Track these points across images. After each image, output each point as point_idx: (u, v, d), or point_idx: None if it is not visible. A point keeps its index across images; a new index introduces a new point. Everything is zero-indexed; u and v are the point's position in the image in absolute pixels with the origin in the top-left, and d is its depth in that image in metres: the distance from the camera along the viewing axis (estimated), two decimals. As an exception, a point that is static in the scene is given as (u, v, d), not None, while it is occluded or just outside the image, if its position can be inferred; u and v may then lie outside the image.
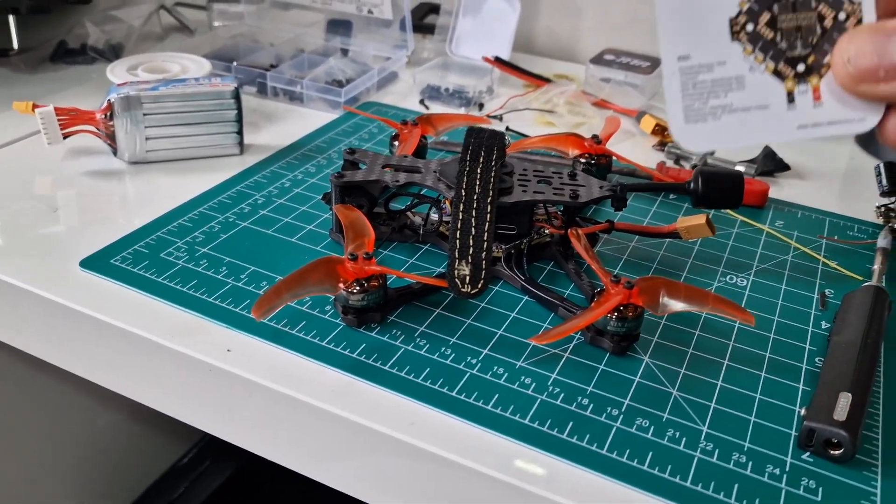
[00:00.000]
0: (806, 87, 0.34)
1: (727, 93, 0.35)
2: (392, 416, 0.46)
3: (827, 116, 0.34)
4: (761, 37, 0.34)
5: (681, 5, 0.34)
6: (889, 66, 0.31)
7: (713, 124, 0.35)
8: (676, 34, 0.34)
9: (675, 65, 0.35)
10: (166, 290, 0.54)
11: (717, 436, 0.46)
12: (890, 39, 0.31)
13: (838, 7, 0.34)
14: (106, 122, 0.68)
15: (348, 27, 0.97)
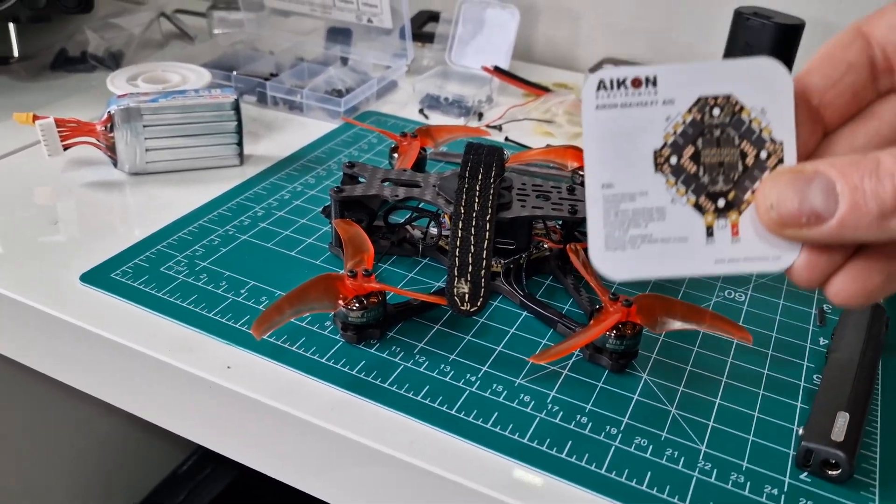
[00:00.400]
0: (725, 222, 0.35)
1: (648, 223, 0.35)
2: (391, 434, 0.46)
3: (744, 253, 0.35)
4: (684, 170, 0.35)
5: (608, 134, 0.34)
6: (810, 213, 0.31)
7: (632, 253, 0.35)
8: (602, 162, 0.35)
9: (599, 192, 0.35)
10: (166, 306, 0.54)
11: (716, 455, 0.46)
12: (810, 186, 0.31)
13: (760, 146, 0.34)
14: (106, 133, 0.68)
15: (348, 35, 0.97)
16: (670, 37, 1.00)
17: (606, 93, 0.34)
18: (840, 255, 0.33)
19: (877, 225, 0.30)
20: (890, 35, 0.34)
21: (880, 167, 0.30)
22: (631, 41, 1.03)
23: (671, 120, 0.34)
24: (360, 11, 0.92)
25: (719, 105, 0.34)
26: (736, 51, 0.84)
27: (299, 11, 0.96)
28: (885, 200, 0.29)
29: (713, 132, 0.34)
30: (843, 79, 0.34)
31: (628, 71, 0.34)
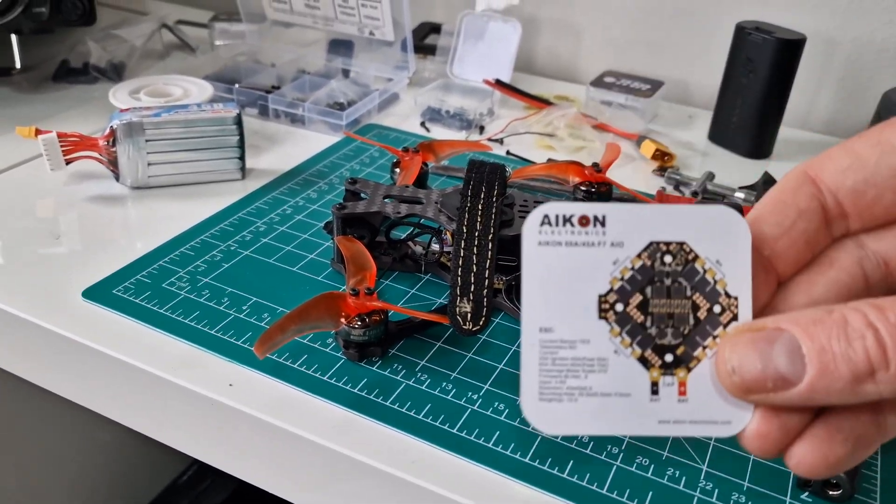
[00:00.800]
0: (672, 379, 0.32)
1: (588, 374, 0.32)
2: (392, 452, 0.46)
3: (691, 415, 0.32)
4: (630, 319, 0.32)
5: (550, 274, 0.32)
6: (776, 378, 0.29)
7: (569, 406, 0.32)
8: (541, 303, 0.32)
9: (536, 336, 0.32)
10: (168, 322, 0.54)
11: (717, 475, 0.46)
12: (772, 347, 0.29)
13: (714, 300, 0.32)
14: (108, 147, 0.68)
15: (350, 48, 0.97)
16: (672, 50, 1.01)
17: (551, 229, 0.32)
18: (797, 422, 0.30)
19: (850, 390, 0.28)
20: (840, 179, 0.32)
21: (848, 327, 0.28)
22: (632, 54, 1.03)
23: (619, 264, 0.32)
24: (362, 24, 0.92)
25: (672, 252, 0.32)
26: (737, 65, 0.84)
27: (301, 23, 0.96)
28: (857, 364, 0.27)
29: (664, 281, 0.32)
30: (794, 226, 0.32)
31: (575, 207, 0.32)
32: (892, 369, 0.27)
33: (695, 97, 1.02)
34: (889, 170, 0.32)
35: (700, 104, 1.01)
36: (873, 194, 0.32)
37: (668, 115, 0.95)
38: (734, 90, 0.85)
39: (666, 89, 0.94)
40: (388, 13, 0.89)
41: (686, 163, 0.84)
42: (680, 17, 0.99)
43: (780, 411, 0.30)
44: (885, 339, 0.27)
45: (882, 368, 0.27)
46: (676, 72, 1.01)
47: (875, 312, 0.28)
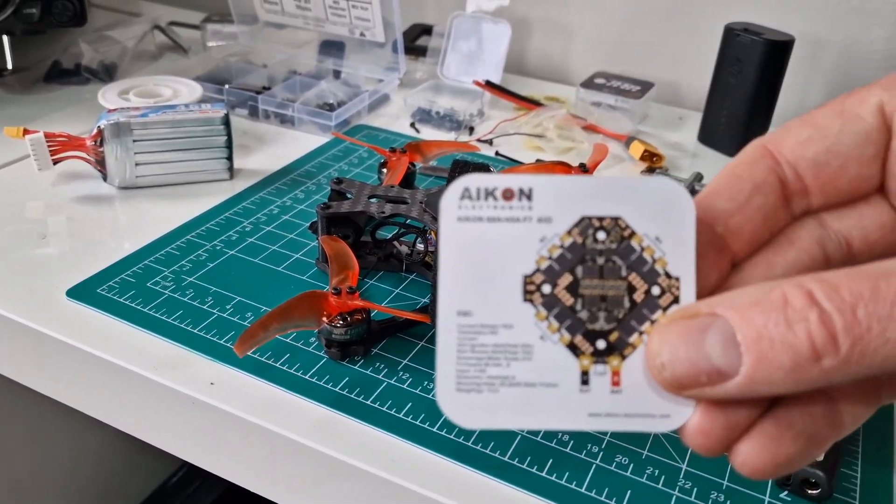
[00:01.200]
0: (604, 368, 0.29)
1: (510, 362, 0.29)
2: (373, 452, 0.46)
3: (624, 407, 0.29)
4: (559, 302, 0.29)
5: (470, 252, 0.29)
6: (709, 371, 0.26)
7: (489, 397, 0.29)
8: (460, 284, 0.29)
9: (453, 320, 0.29)
10: (152, 321, 0.54)
11: (696, 474, 0.46)
12: (704, 337, 0.26)
13: (652, 280, 0.29)
14: (96, 147, 0.68)
15: (341, 49, 0.97)
16: (662, 51, 1.01)
17: (471, 203, 0.29)
18: (745, 417, 0.27)
19: (793, 378, 0.25)
20: (800, 150, 0.30)
21: (788, 307, 0.25)
22: (623, 55, 1.03)
23: (546, 241, 0.29)
24: (353, 25, 0.92)
25: (605, 228, 0.29)
26: (726, 66, 0.84)
27: (293, 24, 0.97)
28: (798, 351, 0.24)
29: (596, 259, 0.29)
30: (750, 200, 0.30)
31: (499, 179, 0.29)
32: (843, 354, 0.24)
33: (685, 98, 1.02)
34: (853, 138, 0.30)
35: (690, 105, 1.01)
36: (837, 165, 0.30)
37: (657, 117, 0.95)
38: (723, 91, 0.85)
39: (656, 91, 0.94)
40: (379, 14, 0.89)
41: (675, 164, 0.84)
42: (670, 18, 0.99)
43: (724, 405, 0.27)
44: (833, 320, 0.24)
45: (830, 354, 0.24)
46: (667, 73, 1.01)
47: (822, 288, 0.25)
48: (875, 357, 0.24)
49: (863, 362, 0.24)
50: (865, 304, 0.24)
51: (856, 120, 0.30)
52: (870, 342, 0.24)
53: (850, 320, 0.24)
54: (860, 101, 0.30)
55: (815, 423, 0.28)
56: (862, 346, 0.24)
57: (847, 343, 0.24)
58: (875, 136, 0.30)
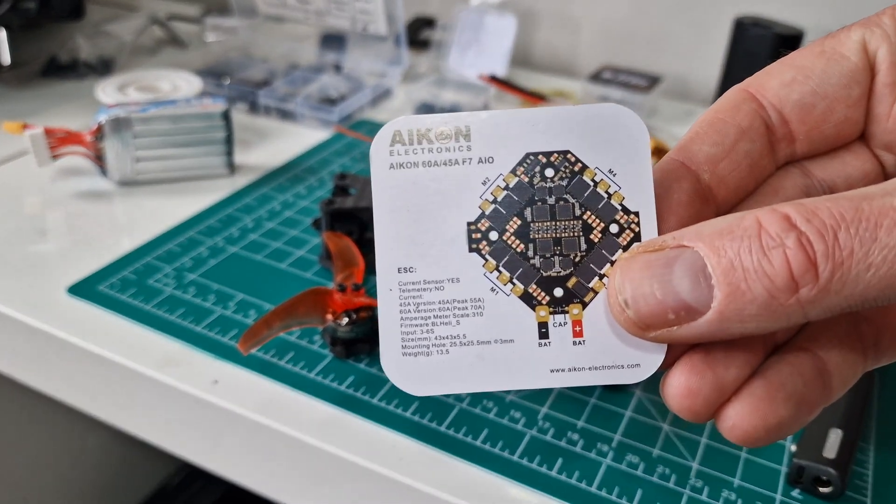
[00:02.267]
0: (564, 318, 0.26)
1: (460, 319, 0.27)
2: (380, 450, 0.46)
3: (589, 360, 0.26)
4: (509, 249, 0.27)
5: (406, 202, 0.27)
6: (677, 307, 0.24)
7: (438, 359, 0.26)
8: (397, 238, 0.27)
9: (394, 278, 0.27)
10: (154, 319, 0.54)
11: (708, 472, 0.45)
12: (671, 271, 0.24)
13: (609, 217, 0.27)
14: (95, 143, 0.67)
15: (342, 42, 0.96)
16: (670, 44, 1.00)
17: (404, 148, 0.27)
18: (734, 376, 0.26)
19: (768, 312, 0.23)
20: (784, 93, 0.29)
21: (762, 233, 0.23)
22: (631, 48, 1.03)
23: (490, 184, 0.27)
24: (355, 18, 0.91)
25: (553, 164, 0.27)
26: (736, 60, 0.83)
27: (293, 18, 0.96)
28: (774, 281, 0.23)
29: (546, 199, 0.27)
30: (736, 146, 0.28)
31: (432, 120, 0.27)
32: (822, 281, 0.22)
33: (693, 92, 1.01)
34: (839, 78, 0.28)
35: (699, 100, 1.00)
36: (823, 107, 0.29)
37: (666, 111, 0.94)
38: (733, 85, 0.84)
39: (664, 84, 0.93)
40: (382, 7, 0.88)
41: (681, 158, 0.83)
42: (679, 11, 0.98)
43: (705, 367, 0.25)
44: (812, 244, 0.22)
45: (809, 282, 0.23)
46: (675, 67, 1.00)
47: (800, 211, 0.23)
48: (856, 285, 0.22)
49: (842, 292, 0.23)
50: (847, 225, 0.22)
51: (840, 59, 0.29)
52: (851, 267, 0.22)
53: (832, 243, 0.22)
54: (841, 41, 0.29)
55: (805, 384, 0.26)
56: (843, 273, 0.22)
57: (828, 269, 0.22)
58: (860, 76, 0.29)
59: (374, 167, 0.27)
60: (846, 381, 0.27)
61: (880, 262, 0.22)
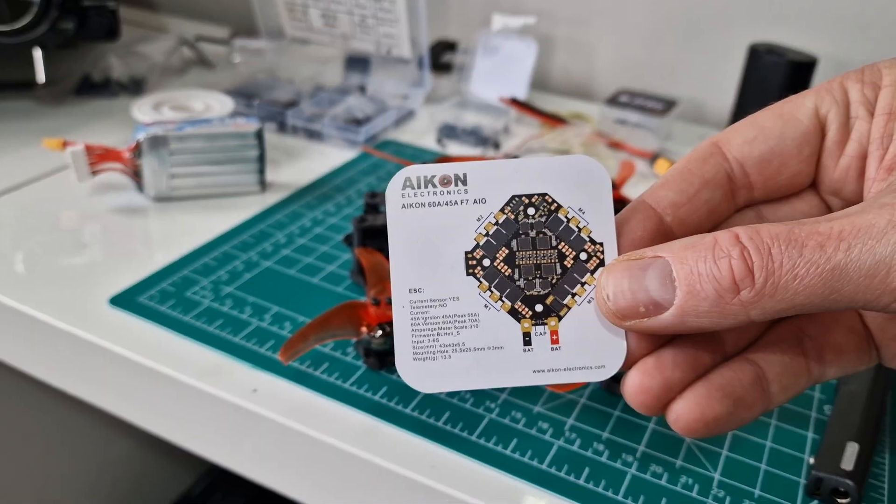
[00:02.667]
0: (544, 329, 0.33)
1: (460, 330, 0.33)
2: (413, 458, 0.47)
3: (564, 362, 0.33)
4: (498, 273, 0.33)
5: (415, 235, 0.33)
6: (647, 302, 0.30)
7: (443, 363, 0.32)
8: (409, 265, 0.33)
9: (406, 297, 0.33)
10: (193, 330, 0.56)
11: (729, 483, 0.47)
12: (645, 273, 0.30)
13: (579, 247, 0.33)
14: (133, 159, 0.70)
15: (367, 65, 0.99)
16: (686, 70, 1.02)
17: (413, 191, 0.33)
18: (679, 378, 0.32)
19: (717, 309, 0.29)
20: (745, 149, 0.34)
21: (716, 247, 0.29)
22: (646, 73, 1.05)
23: (483, 220, 0.33)
24: (380, 42, 0.94)
25: (534, 204, 0.33)
26: (750, 86, 0.85)
27: (319, 41, 0.98)
28: (720, 283, 0.28)
29: (528, 232, 0.33)
30: (698, 194, 0.34)
31: (436, 168, 0.33)
32: (758, 286, 0.28)
33: (708, 116, 1.03)
34: (792, 139, 0.34)
35: (714, 123, 1.02)
36: (778, 163, 0.34)
37: (682, 135, 0.96)
38: (747, 111, 0.85)
39: (680, 108, 0.95)
40: (406, 31, 0.91)
41: (697, 180, 0.85)
42: (693, 36, 1.00)
43: (657, 369, 0.31)
44: (751, 256, 0.28)
45: (747, 286, 0.28)
46: (691, 91, 1.02)
47: (746, 231, 0.29)
48: (786, 291, 0.28)
49: (775, 296, 0.28)
50: (780, 244, 0.28)
51: (795, 122, 0.34)
52: (781, 277, 0.28)
53: (766, 256, 0.28)
54: (797, 105, 0.34)
55: (743, 387, 0.32)
56: (774, 281, 0.28)
57: (762, 276, 0.28)
58: (811, 138, 0.34)
59: (389, 207, 0.33)
60: (787, 388, 0.33)
61: (804, 274, 0.27)
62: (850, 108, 0.33)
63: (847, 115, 0.33)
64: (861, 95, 0.33)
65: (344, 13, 0.93)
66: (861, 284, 0.27)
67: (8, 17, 0.80)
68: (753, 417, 0.32)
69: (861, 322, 0.35)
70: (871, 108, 0.33)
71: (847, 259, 0.27)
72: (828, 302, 0.28)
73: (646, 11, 1.02)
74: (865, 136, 0.33)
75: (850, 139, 0.33)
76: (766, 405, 0.32)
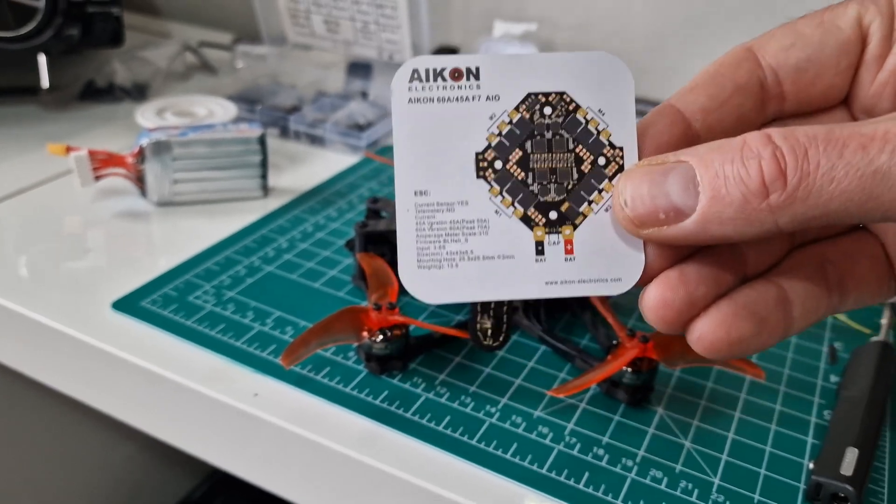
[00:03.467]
0: (558, 237, 0.31)
1: (468, 237, 0.30)
2: (413, 463, 0.47)
3: (578, 274, 0.31)
4: (511, 176, 0.31)
5: (422, 133, 0.30)
6: (668, 208, 0.28)
7: (449, 272, 0.31)
8: (415, 165, 0.30)
9: (411, 200, 0.31)
10: (196, 334, 0.56)
11: (729, 488, 0.47)
12: (667, 177, 0.28)
13: (598, 151, 0.31)
14: (136, 165, 0.70)
15: (369, 70, 0.99)
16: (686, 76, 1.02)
17: (421, 84, 0.30)
18: (704, 293, 0.30)
19: (743, 216, 0.27)
20: (783, 57, 0.32)
21: (745, 148, 0.27)
22: (648, 79, 1.05)
23: (496, 119, 0.31)
24: (382, 47, 0.94)
25: (551, 103, 0.31)
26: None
27: (322, 46, 0.99)
28: (748, 185, 0.26)
29: (544, 134, 0.31)
30: (729, 100, 0.32)
31: (447, 60, 0.31)
32: (790, 188, 0.26)
33: (707, 122, 1.03)
34: (831, 48, 0.32)
35: (712, 129, 1.02)
36: (814, 72, 0.32)
37: (680, 140, 0.96)
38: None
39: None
40: (408, 37, 0.91)
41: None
42: (694, 43, 1.00)
43: (686, 282, 0.30)
44: (785, 156, 0.26)
45: (778, 188, 0.26)
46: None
47: (781, 131, 0.27)
48: (820, 196, 0.26)
49: (808, 201, 0.26)
50: (818, 144, 0.26)
51: (835, 31, 0.32)
52: (816, 180, 0.26)
53: (801, 157, 0.26)
54: (838, 14, 0.32)
55: (767, 307, 0.30)
56: (808, 183, 0.26)
57: (795, 178, 0.26)
58: (851, 48, 0.32)
59: (395, 101, 0.31)
60: (808, 313, 0.31)
61: (842, 177, 0.25)
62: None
63: (891, 28, 0.31)
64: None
65: (346, 19, 0.93)
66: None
67: (13, 24, 0.80)
68: (775, 341, 0.31)
69: (883, 251, 0.34)
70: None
71: (892, 162, 0.25)
72: (863, 210, 0.26)
73: (646, 18, 1.02)
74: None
75: (892, 52, 0.31)
76: (787, 329, 0.31)
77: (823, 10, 0.33)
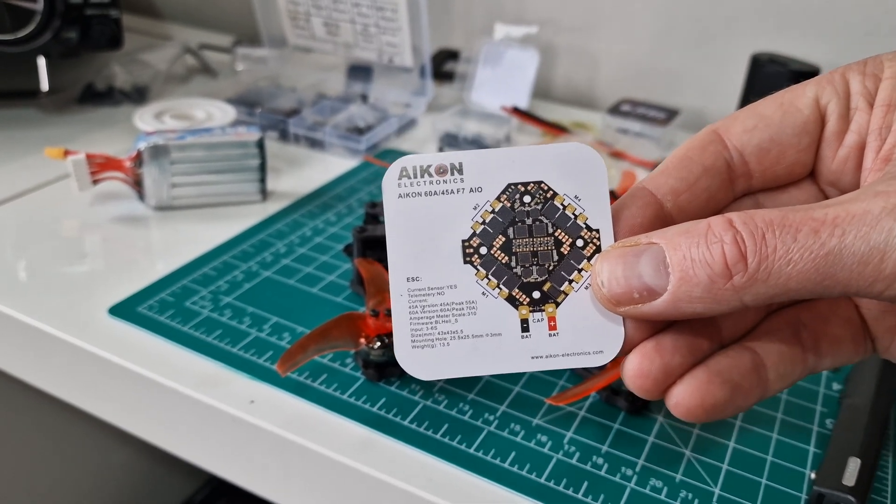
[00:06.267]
0: (541, 315, 0.33)
1: (458, 318, 0.33)
2: (411, 471, 0.47)
3: (562, 348, 0.33)
4: (496, 261, 0.33)
5: (412, 224, 0.33)
6: (641, 288, 0.30)
7: (441, 350, 0.33)
8: (406, 254, 0.33)
9: (405, 286, 0.33)
10: (192, 340, 0.55)
11: (730, 498, 0.47)
12: (639, 259, 0.30)
13: (575, 234, 0.33)
14: (134, 168, 0.70)
15: (369, 73, 0.99)
16: (688, 79, 1.02)
17: (409, 181, 0.33)
18: (679, 363, 0.32)
19: (710, 295, 0.29)
20: (746, 138, 0.34)
21: (709, 232, 0.29)
22: (650, 82, 1.05)
23: (479, 208, 0.33)
24: (382, 50, 0.94)
25: (530, 192, 0.33)
26: (753, 96, 0.85)
27: (322, 49, 0.98)
28: (713, 268, 0.28)
29: (525, 220, 0.33)
30: (698, 182, 0.34)
31: (432, 158, 0.33)
32: (750, 271, 0.28)
33: (709, 126, 1.03)
34: (792, 129, 0.34)
35: (714, 133, 1.01)
36: (777, 152, 0.34)
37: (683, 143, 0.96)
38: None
39: (682, 118, 0.95)
40: (408, 40, 0.90)
41: (700, 191, 0.85)
42: (696, 45, 1.00)
43: (655, 353, 0.31)
44: (745, 241, 0.28)
45: (740, 270, 0.28)
46: (693, 101, 1.02)
47: (740, 216, 0.29)
48: (779, 276, 0.28)
49: (768, 281, 0.28)
50: (774, 228, 0.28)
51: (795, 112, 0.34)
52: (774, 262, 0.28)
53: (759, 241, 0.28)
54: (797, 95, 0.34)
55: (741, 374, 0.32)
56: (767, 265, 0.28)
57: (755, 261, 0.28)
58: (811, 127, 0.34)
59: (386, 197, 0.33)
60: (784, 376, 0.33)
61: (798, 259, 0.27)
62: (851, 100, 0.33)
63: (847, 106, 0.33)
64: (862, 87, 0.33)
65: (346, 22, 0.93)
66: (855, 271, 0.27)
67: (11, 27, 0.80)
68: (750, 404, 0.33)
69: (857, 313, 0.35)
70: (871, 99, 0.33)
71: (841, 245, 0.27)
72: (821, 288, 0.28)
73: (649, 21, 1.01)
74: (864, 128, 0.33)
75: (849, 130, 0.33)
76: (763, 393, 0.33)
77: (783, 91, 0.35)
